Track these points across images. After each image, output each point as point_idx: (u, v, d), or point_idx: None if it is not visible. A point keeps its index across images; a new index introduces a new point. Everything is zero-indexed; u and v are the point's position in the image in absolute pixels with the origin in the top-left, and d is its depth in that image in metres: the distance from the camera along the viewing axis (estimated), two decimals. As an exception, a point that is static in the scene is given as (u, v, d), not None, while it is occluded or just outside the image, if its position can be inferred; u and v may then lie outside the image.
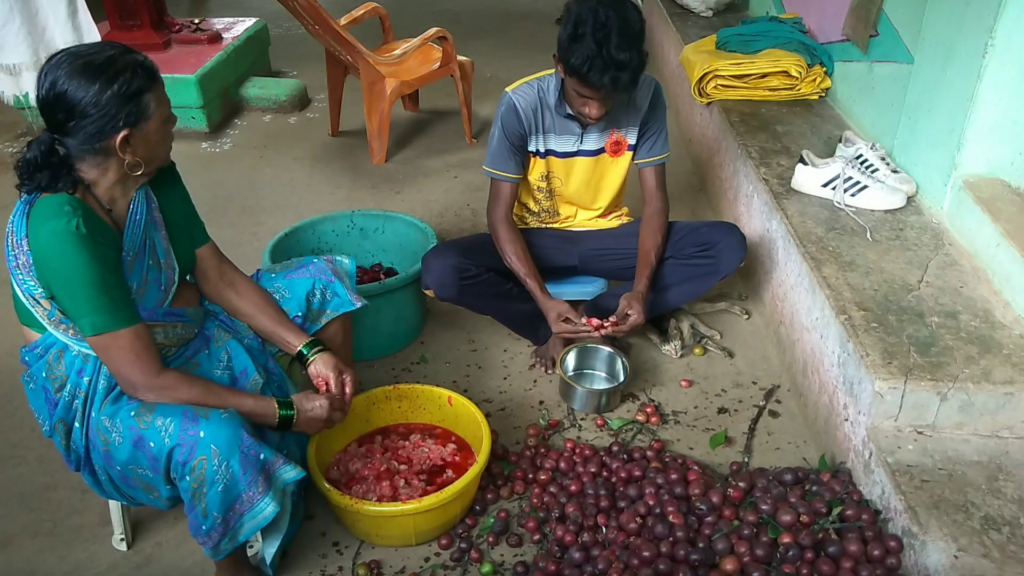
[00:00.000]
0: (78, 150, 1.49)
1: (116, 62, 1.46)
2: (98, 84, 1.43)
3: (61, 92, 1.43)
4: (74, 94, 1.43)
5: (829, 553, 1.69)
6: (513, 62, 5.07)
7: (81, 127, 1.45)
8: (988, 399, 1.79)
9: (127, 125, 1.47)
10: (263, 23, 4.91)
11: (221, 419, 1.52)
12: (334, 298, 1.93)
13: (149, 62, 1.51)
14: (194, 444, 1.49)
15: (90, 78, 1.43)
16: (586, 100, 2.03)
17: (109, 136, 1.47)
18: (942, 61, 2.32)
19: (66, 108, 1.44)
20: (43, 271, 1.47)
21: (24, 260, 1.49)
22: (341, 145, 4.05)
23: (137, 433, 1.52)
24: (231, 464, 1.50)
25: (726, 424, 2.24)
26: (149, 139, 1.52)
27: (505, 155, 2.24)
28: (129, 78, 1.45)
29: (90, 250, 1.45)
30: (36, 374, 1.61)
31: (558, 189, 2.36)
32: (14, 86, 2.39)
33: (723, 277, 2.33)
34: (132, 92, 1.46)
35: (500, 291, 2.33)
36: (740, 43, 3.39)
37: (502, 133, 2.22)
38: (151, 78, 1.50)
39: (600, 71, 1.91)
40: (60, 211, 1.45)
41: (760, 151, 2.84)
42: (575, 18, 1.92)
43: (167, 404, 1.54)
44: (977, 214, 2.17)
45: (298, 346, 1.81)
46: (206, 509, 1.52)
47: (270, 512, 1.56)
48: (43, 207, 1.48)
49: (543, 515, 1.90)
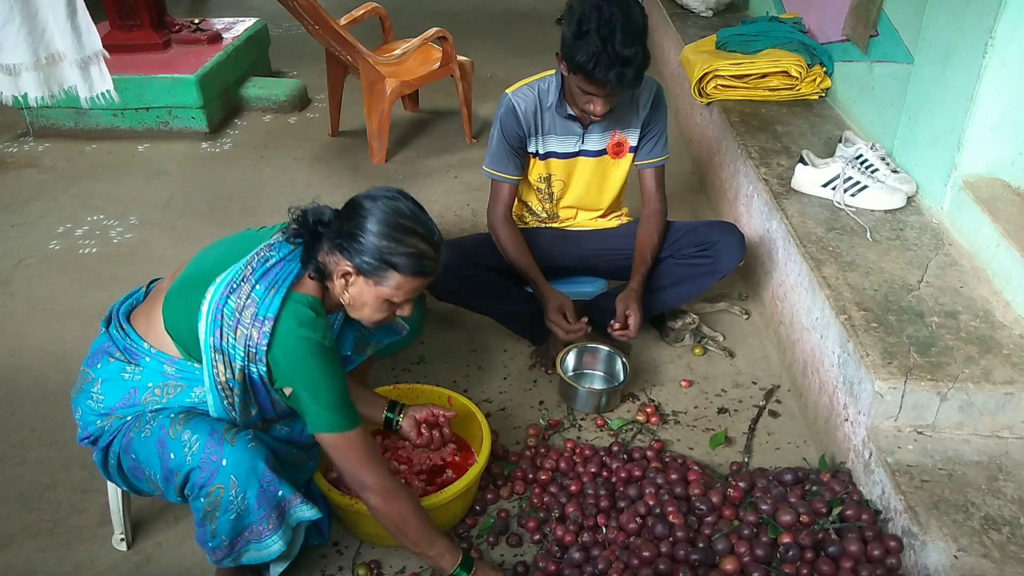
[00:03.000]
0: (326, 240, 1.53)
1: (420, 242, 1.51)
2: (388, 232, 1.48)
3: (366, 206, 1.50)
4: (369, 214, 1.49)
5: (829, 553, 1.69)
6: (513, 62, 5.07)
7: (339, 230, 1.51)
8: (988, 399, 1.79)
9: (359, 268, 1.50)
10: (263, 23, 4.91)
11: (247, 448, 1.51)
12: (379, 330, 1.90)
13: (430, 269, 1.55)
14: (215, 471, 1.48)
15: (393, 227, 1.49)
16: (590, 97, 2.02)
17: (344, 256, 1.50)
18: (942, 61, 2.31)
19: (355, 215, 1.50)
20: (288, 370, 1.50)
21: (256, 336, 1.48)
22: (341, 145, 4.05)
23: (164, 437, 1.51)
24: (248, 496, 1.50)
25: (726, 424, 2.24)
26: (363, 296, 1.54)
27: (504, 156, 2.24)
28: (404, 252, 1.49)
29: (336, 362, 1.53)
30: (145, 376, 1.58)
31: (558, 192, 2.36)
32: (13, 86, 2.38)
33: (722, 277, 2.33)
34: (390, 261, 1.49)
35: (499, 291, 2.33)
36: (740, 43, 3.39)
37: (501, 135, 2.22)
38: (414, 273, 1.52)
39: (606, 67, 1.91)
40: (313, 320, 1.51)
41: (760, 151, 2.84)
42: (579, 15, 1.92)
43: (200, 420, 1.53)
44: (977, 214, 2.16)
45: (383, 412, 1.89)
46: (215, 531, 1.53)
47: (276, 550, 1.57)
48: (301, 307, 1.51)
49: (543, 515, 1.90)
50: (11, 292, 2.85)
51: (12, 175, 3.75)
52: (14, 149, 4.00)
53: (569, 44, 1.95)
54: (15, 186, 3.64)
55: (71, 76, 2.49)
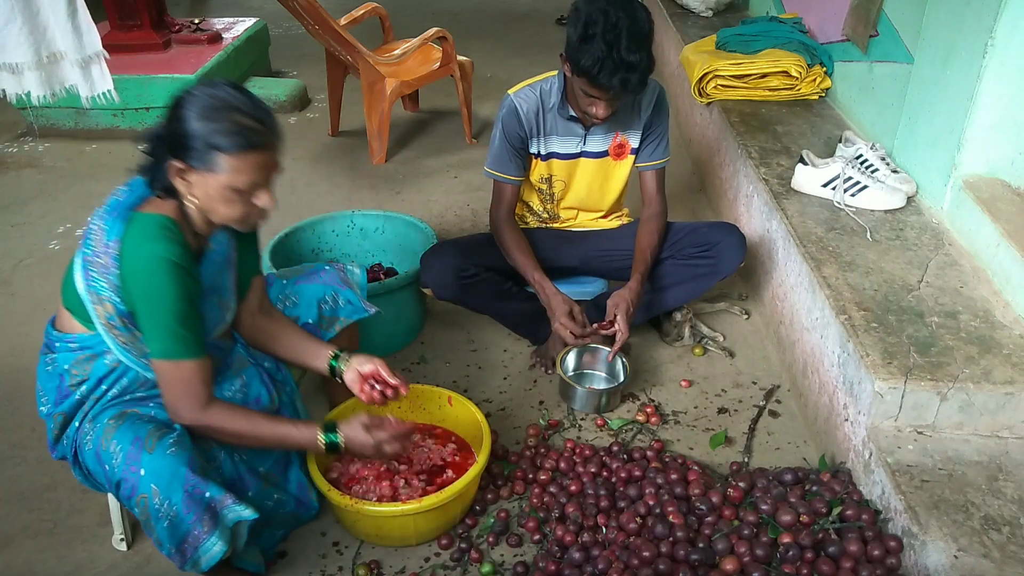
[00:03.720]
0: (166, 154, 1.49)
1: (239, 116, 1.45)
2: (205, 115, 1.43)
3: (183, 99, 1.45)
4: (186, 104, 1.44)
5: (829, 553, 1.69)
6: (513, 62, 5.07)
7: (166, 132, 1.47)
8: (988, 399, 1.79)
9: (189, 162, 1.46)
10: (263, 23, 4.92)
11: (165, 455, 1.47)
12: (347, 305, 1.93)
13: (259, 141, 1.48)
14: (135, 482, 1.47)
15: (209, 108, 1.43)
16: (593, 100, 2.02)
17: (174, 156, 1.47)
18: (942, 61, 2.32)
19: (175, 110, 1.46)
20: (131, 289, 1.48)
21: (106, 262, 1.48)
22: (341, 145, 4.05)
23: (99, 449, 1.52)
24: (174, 502, 1.48)
25: (726, 424, 2.24)
26: (207, 191, 1.49)
27: (506, 157, 2.24)
28: (224, 130, 1.44)
29: (183, 281, 1.48)
30: (59, 361, 1.61)
31: (559, 192, 2.36)
32: (16, 85, 2.39)
33: (723, 278, 2.33)
34: (212, 143, 1.44)
35: (499, 291, 2.33)
36: (740, 43, 3.40)
37: (503, 135, 2.22)
38: (241, 148, 1.45)
39: (610, 72, 1.90)
40: (161, 235, 1.47)
41: (760, 151, 2.84)
42: (585, 18, 1.91)
43: (128, 427, 1.52)
44: (977, 214, 2.17)
45: (328, 356, 1.80)
46: (159, 539, 1.51)
47: (217, 551, 1.53)
48: (145, 224, 1.48)
49: (543, 515, 1.90)
50: (11, 292, 2.85)
51: (12, 175, 3.75)
52: (14, 149, 4.00)
53: (574, 47, 1.94)
54: (15, 186, 3.64)
55: (72, 75, 2.49)
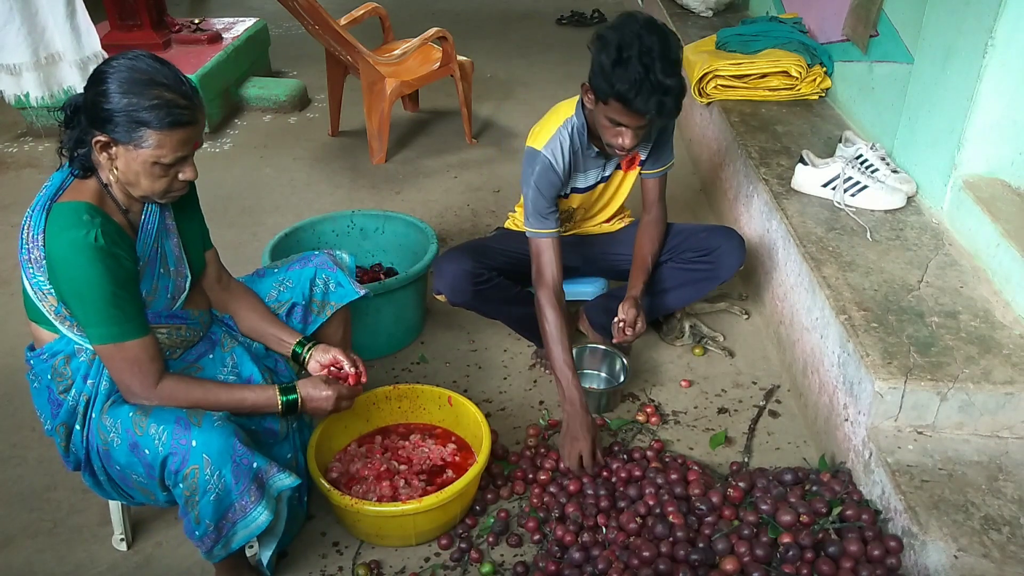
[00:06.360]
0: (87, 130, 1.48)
1: (165, 91, 1.44)
2: (129, 89, 1.42)
3: (104, 71, 1.44)
4: (108, 77, 1.43)
5: (829, 553, 1.69)
6: (513, 62, 5.06)
7: (92, 106, 1.45)
8: (988, 399, 1.79)
9: (113, 136, 1.45)
10: (263, 23, 4.91)
11: (214, 427, 1.51)
12: (338, 288, 1.93)
13: (185, 118, 1.47)
14: (187, 453, 1.48)
15: (133, 82, 1.43)
16: (620, 131, 1.96)
17: (96, 129, 1.45)
18: (942, 61, 2.32)
19: (96, 83, 1.44)
20: (56, 277, 1.48)
21: (38, 255, 1.49)
22: (341, 145, 4.05)
23: (133, 438, 1.52)
24: (223, 473, 1.50)
25: (726, 424, 2.24)
26: (131, 165, 1.48)
27: (545, 214, 2.15)
28: (150, 105, 1.43)
29: (105, 263, 1.46)
30: (40, 375, 1.62)
31: (579, 217, 2.37)
32: (15, 85, 2.40)
33: (722, 282, 2.33)
34: (139, 118, 1.43)
35: (510, 295, 2.31)
36: (740, 43, 3.39)
37: (538, 194, 2.12)
38: (168, 125, 1.45)
39: (647, 95, 1.86)
40: (79, 220, 1.46)
41: (760, 151, 2.84)
42: (618, 42, 1.87)
43: (163, 410, 1.54)
44: (977, 214, 2.17)
45: (292, 344, 1.81)
46: (199, 516, 1.52)
47: (263, 521, 1.56)
48: (63, 213, 1.48)
49: (543, 515, 1.90)
50: (11, 292, 2.85)
51: (12, 175, 3.75)
52: (14, 149, 4.00)
53: (608, 71, 1.88)
54: (15, 186, 3.64)
55: (70, 76, 2.50)
